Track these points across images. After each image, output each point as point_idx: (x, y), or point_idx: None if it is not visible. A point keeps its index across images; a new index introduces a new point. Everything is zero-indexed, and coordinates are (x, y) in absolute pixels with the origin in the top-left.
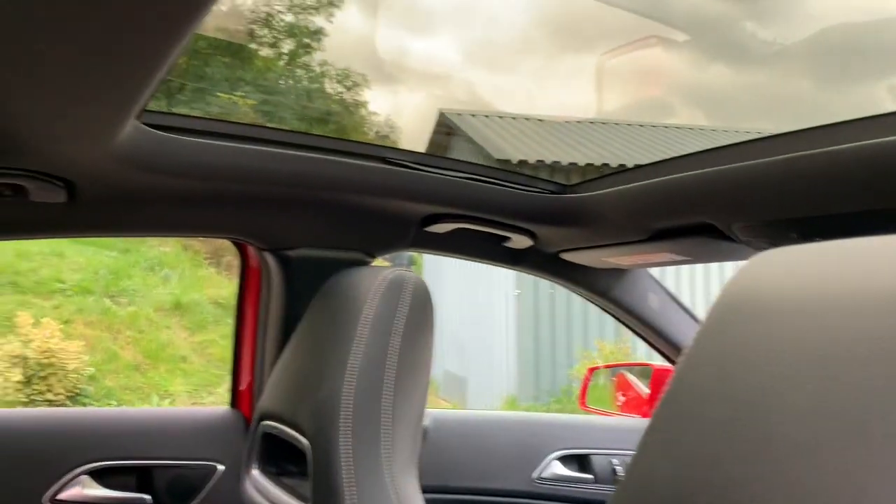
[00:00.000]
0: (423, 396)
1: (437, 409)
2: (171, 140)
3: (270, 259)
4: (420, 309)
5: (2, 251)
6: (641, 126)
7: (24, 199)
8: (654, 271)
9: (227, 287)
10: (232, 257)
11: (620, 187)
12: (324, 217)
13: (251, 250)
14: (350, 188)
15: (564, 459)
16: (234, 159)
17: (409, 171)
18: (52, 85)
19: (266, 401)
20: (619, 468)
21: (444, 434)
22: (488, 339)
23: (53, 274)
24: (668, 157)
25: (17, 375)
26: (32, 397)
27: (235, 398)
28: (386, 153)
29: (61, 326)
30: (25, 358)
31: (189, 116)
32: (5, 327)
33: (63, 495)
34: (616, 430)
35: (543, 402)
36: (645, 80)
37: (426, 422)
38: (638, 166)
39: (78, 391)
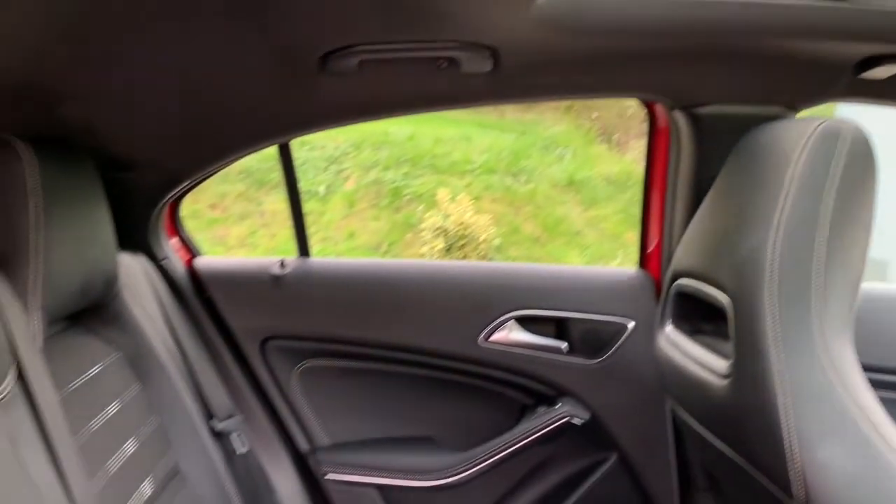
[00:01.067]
0: (860, 263)
1: (870, 284)
2: None
3: (680, 118)
4: (859, 163)
5: (421, 138)
6: None
7: (456, 71)
8: None
9: (617, 164)
10: (621, 134)
11: None
12: (740, 68)
13: (660, 110)
14: (773, 31)
15: None
16: (649, 11)
17: (844, 5)
18: None
19: (681, 259)
20: None
21: (880, 310)
22: None
23: (463, 156)
24: None
25: (440, 244)
26: None
27: (643, 259)
28: None
29: (472, 202)
30: (445, 230)
31: None
32: (429, 203)
33: (494, 337)
34: None
35: None
36: None
37: None
38: None
39: (488, 261)
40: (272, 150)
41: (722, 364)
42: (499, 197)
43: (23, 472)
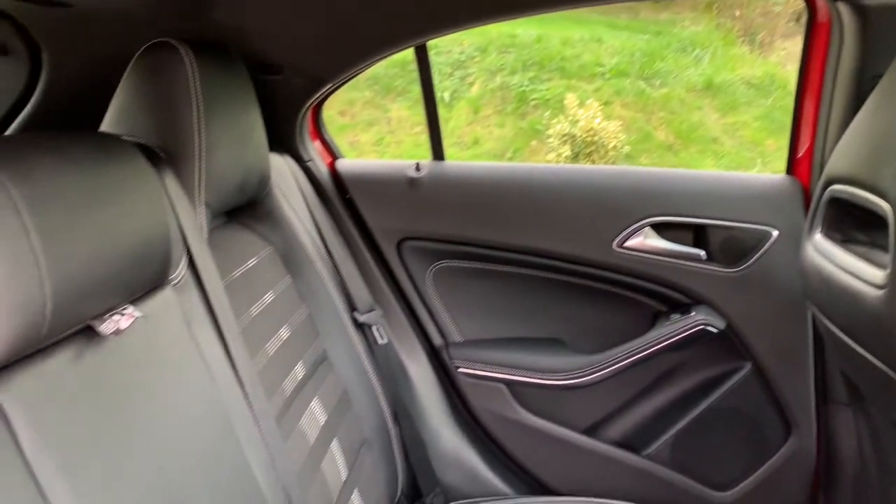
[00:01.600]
0: None
1: None
2: None
3: (844, 10)
4: None
5: (549, 40)
6: None
7: None
8: None
9: (760, 66)
10: (766, 34)
11: None
12: None
13: (820, 2)
14: None
15: None
16: None
17: None
18: None
19: (836, 164)
20: None
21: None
22: None
23: (593, 59)
24: None
25: (566, 151)
26: None
27: (791, 165)
28: None
29: (602, 107)
30: (573, 136)
31: None
32: (556, 109)
33: (629, 242)
34: None
35: None
36: None
37: None
38: None
39: None
40: (398, 56)
41: (878, 274)
42: (630, 102)
43: (197, 348)
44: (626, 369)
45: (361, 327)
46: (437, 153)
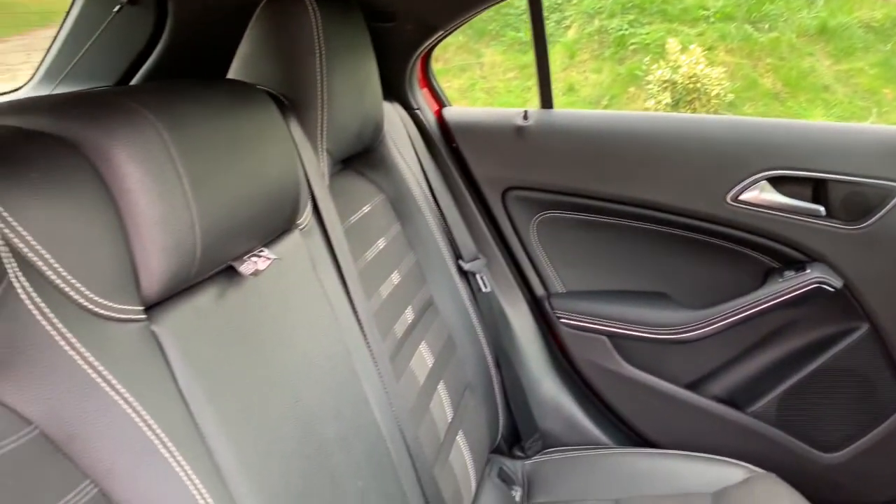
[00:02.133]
0: None
1: None
2: None
3: None
4: None
5: None
6: None
7: None
8: None
9: (881, 8)
10: None
11: None
12: None
13: None
14: None
15: None
16: None
17: None
18: None
19: None
20: None
21: None
22: None
23: (697, 2)
24: None
25: (666, 98)
26: None
27: None
28: None
29: (705, 53)
30: (674, 83)
31: None
32: (656, 54)
33: (744, 196)
34: None
35: None
36: None
37: None
38: None
39: None
40: None
41: None
42: (735, 47)
43: (322, 289)
44: (734, 325)
45: (466, 275)
46: (546, 101)
